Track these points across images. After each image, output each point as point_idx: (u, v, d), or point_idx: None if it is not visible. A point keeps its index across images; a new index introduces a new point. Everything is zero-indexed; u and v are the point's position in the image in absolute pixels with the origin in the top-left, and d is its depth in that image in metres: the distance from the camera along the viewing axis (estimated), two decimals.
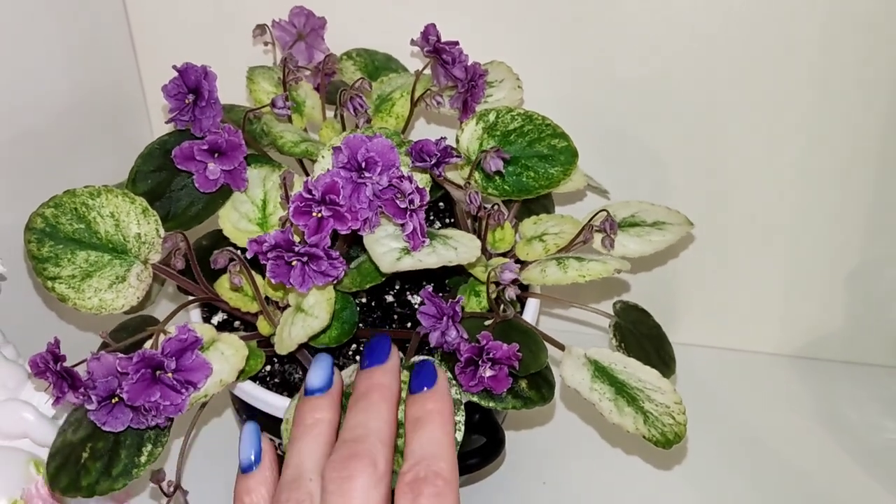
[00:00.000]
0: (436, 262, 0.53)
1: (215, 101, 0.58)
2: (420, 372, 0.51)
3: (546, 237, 0.62)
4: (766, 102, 0.70)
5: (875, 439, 0.76)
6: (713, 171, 0.74)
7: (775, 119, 0.71)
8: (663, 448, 0.53)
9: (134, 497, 0.69)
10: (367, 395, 0.49)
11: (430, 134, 0.75)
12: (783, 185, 0.74)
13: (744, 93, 0.70)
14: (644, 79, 0.71)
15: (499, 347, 0.51)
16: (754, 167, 0.73)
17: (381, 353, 0.51)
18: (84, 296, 0.54)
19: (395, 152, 0.52)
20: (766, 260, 0.78)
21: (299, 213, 0.50)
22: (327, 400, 0.50)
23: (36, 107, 0.67)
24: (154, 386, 0.49)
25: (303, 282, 0.51)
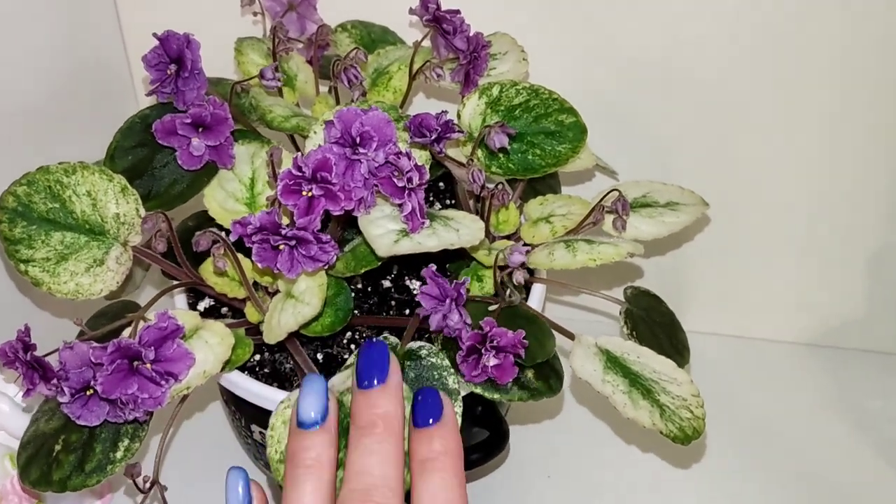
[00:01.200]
0: (436, 245, 0.49)
1: (199, 71, 0.54)
2: (425, 402, 0.45)
3: (553, 219, 0.58)
4: (782, 83, 0.66)
5: (895, 430, 0.72)
6: (727, 154, 0.70)
7: (792, 101, 0.67)
8: (682, 444, 0.50)
9: (117, 491, 0.66)
10: (372, 430, 0.43)
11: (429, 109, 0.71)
12: (800, 169, 0.70)
13: (760, 73, 0.66)
14: (655, 55, 0.67)
15: (503, 335, 0.48)
16: (770, 150, 0.70)
17: (381, 368, 0.45)
18: (59, 280, 0.50)
19: (392, 126, 0.48)
20: (782, 245, 0.75)
21: (288, 192, 0.46)
22: (324, 436, 0.44)
23: (16, 83, 0.63)
24: (131, 377, 0.46)
25: (291, 267, 0.47)
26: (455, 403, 0.48)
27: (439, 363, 0.50)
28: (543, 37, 0.67)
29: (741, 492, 0.68)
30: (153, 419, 0.50)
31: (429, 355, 0.50)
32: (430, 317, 0.49)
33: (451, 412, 0.45)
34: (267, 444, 0.47)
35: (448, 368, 0.49)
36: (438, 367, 0.49)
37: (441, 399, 0.45)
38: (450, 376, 0.49)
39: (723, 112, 0.69)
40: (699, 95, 0.68)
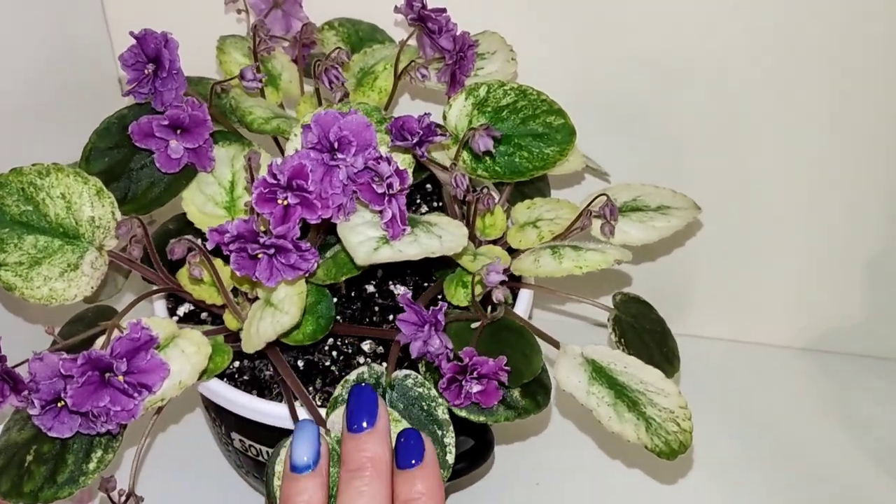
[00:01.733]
0: (417, 254, 0.48)
1: (177, 71, 0.53)
2: (407, 444, 0.46)
3: (540, 223, 0.57)
4: (781, 85, 0.65)
5: (894, 436, 0.71)
6: (725, 156, 0.69)
7: (791, 102, 0.66)
8: (667, 459, 0.48)
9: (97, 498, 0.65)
10: (361, 473, 0.44)
11: (416, 110, 0.70)
12: (798, 173, 0.69)
13: (758, 74, 0.65)
14: (651, 55, 0.65)
15: (484, 363, 0.47)
16: (768, 153, 0.68)
17: (370, 412, 0.46)
18: (32, 285, 0.49)
19: (371, 130, 0.47)
20: (779, 248, 0.73)
21: (263, 201, 0.45)
22: (316, 480, 0.45)
23: None
24: (102, 390, 0.45)
25: (270, 276, 0.46)
26: (448, 434, 0.47)
27: (426, 393, 0.49)
28: (534, 34, 0.66)
29: (737, 496, 0.67)
30: (128, 430, 0.49)
31: (415, 385, 0.49)
32: (411, 344, 0.48)
33: (433, 452, 0.46)
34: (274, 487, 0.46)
35: (436, 398, 0.48)
36: (426, 398, 0.48)
37: (423, 441, 0.46)
38: (438, 407, 0.48)
39: (720, 114, 0.67)
40: (696, 97, 0.67)
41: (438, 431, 0.48)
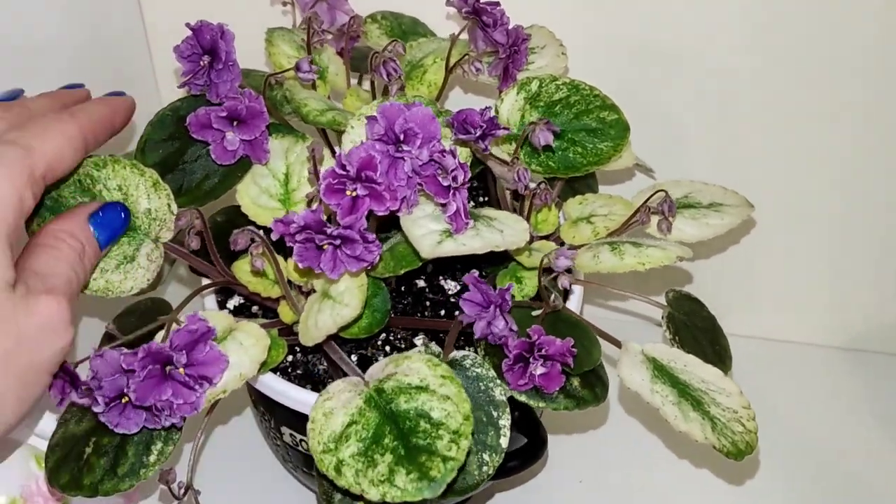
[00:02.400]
0: (481, 247, 0.47)
1: (233, 63, 0.53)
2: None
3: (594, 219, 0.56)
4: (819, 87, 0.65)
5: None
6: (763, 155, 0.69)
7: (830, 101, 0.65)
8: (735, 459, 0.48)
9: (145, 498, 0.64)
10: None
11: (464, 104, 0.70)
12: (834, 172, 0.69)
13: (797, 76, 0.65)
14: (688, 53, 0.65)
15: (552, 343, 0.46)
16: (804, 151, 0.68)
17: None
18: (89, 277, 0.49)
19: (436, 123, 0.47)
20: (817, 248, 0.73)
21: (331, 192, 0.44)
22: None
23: (32, 68, 0.62)
24: (164, 383, 0.44)
25: (334, 267, 0.45)
26: (504, 416, 0.47)
27: (484, 374, 0.48)
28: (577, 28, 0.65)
29: (767, 495, 0.66)
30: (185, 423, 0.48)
31: (473, 365, 0.48)
32: (474, 324, 0.48)
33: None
34: (309, 437, 0.45)
35: (494, 379, 0.48)
36: (484, 378, 0.48)
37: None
38: (496, 388, 0.48)
39: (757, 114, 0.67)
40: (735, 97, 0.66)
41: (494, 413, 0.47)
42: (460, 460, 0.43)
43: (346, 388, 0.47)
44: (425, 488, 0.42)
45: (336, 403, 0.46)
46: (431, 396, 0.45)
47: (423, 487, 0.42)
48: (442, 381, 0.46)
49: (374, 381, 0.47)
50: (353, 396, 0.46)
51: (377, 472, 0.43)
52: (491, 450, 0.46)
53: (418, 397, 0.45)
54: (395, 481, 0.42)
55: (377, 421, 0.45)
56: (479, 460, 0.46)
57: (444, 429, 0.44)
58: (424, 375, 0.46)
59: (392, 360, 0.48)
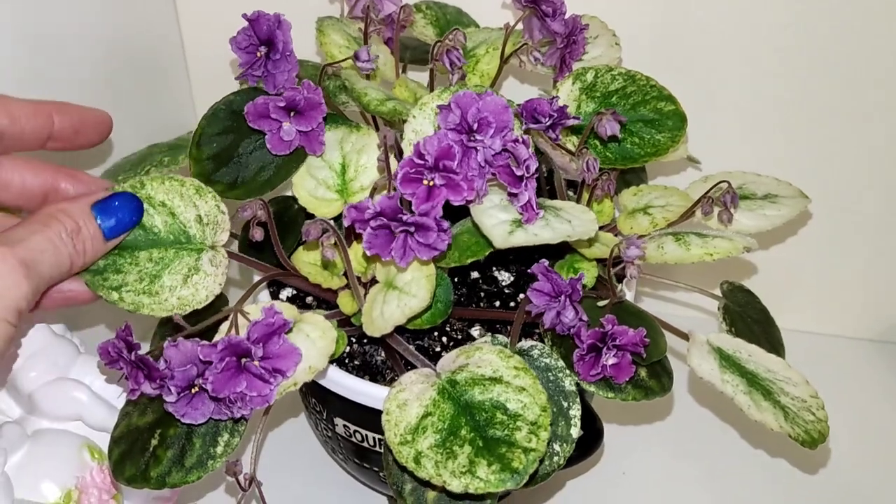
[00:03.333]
0: (552, 238, 0.47)
1: (290, 53, 0.52)
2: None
3: (652, 210, 0.56)
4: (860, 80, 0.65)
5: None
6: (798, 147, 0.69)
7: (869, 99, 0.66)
8: (809, 447, 0.48)
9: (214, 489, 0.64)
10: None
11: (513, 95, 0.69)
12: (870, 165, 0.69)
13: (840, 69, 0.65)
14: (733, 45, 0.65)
15: (624, 333, 0.46)
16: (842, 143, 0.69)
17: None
18: (160, 298, 0.47)
19: (509, 112, 0.46)
20: (847, 239, 0.73)
21: (408, 181, 0.44)
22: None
23: (66, 62, 0.61)
24: (240, 375, 0.44)
25: (404, 254, 0.45)
26: (574, 406, 0.47)
27: (553, 364, 0.48)
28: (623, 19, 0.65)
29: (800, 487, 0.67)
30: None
31: (541, 356, 0.48)
32: (544, 314, 0.47)
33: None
34: (385, 429, 0.44)
35: (563, 369, 0.47)
36: (553, 368, 0.48)
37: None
38: (566, 378, 0.47)
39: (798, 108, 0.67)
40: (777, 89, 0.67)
41: (565, 403, 0.47)
42: (541, 451, 0.42)
43: (419, 380, 0.46)
44: (508, 479, 0.42)
45: (409, 395, 0.45)
46: (506, 388, 0.45)
47: (505, 479, 0.42)
48: (516, 373, 0.45)
49: (446, 372, 0.47)
50: (426, 388, 0.46)
51: (458, 463, 0.42)
52: (562, 440, 0.46)
53: (493, 388, 0.45)
54: (476, 472, 0.42)
55: (452, 412, 0.44)
56: (551, 451, 0.46)
57: (522, 420, 0.44)
58: (497, 367, 0.46)
59: (463, 352, 0.47)
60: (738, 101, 0.68)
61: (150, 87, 0.72)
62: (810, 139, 0.69)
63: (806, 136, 0.69)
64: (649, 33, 0.66)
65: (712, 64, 0.67)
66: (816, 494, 0.65)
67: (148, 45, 0.71)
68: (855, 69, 0.65)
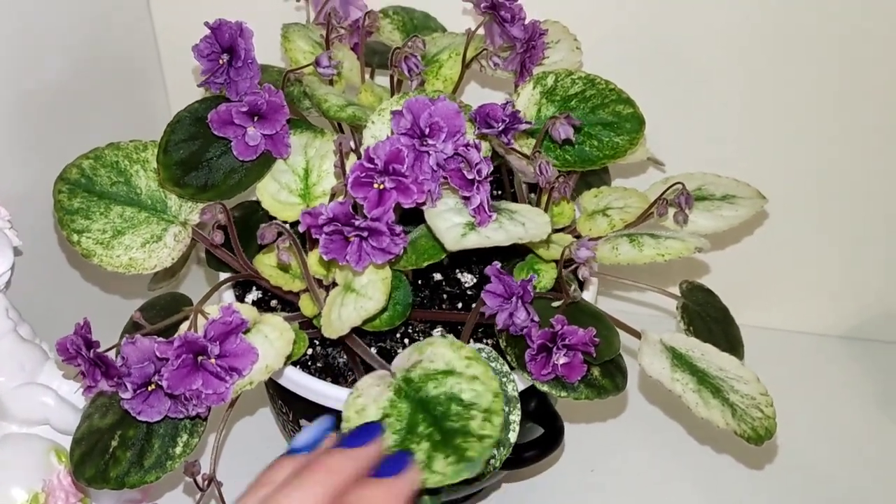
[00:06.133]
0: (504, 240, 0.48)
1: (252, 60, 0.53)
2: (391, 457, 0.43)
3: (610, 212, 0.57)
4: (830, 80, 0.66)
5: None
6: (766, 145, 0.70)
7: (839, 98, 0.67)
8: (755, 444, 0.49)
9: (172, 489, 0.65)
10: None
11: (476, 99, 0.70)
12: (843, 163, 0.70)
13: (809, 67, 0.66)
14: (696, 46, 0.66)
15: (574, 332, 0.47)
16: (814, 143, 0.69)
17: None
18: (113, 253, 0.50)
19: (461, 117, 0.47)
20: (819, 237, 0.74)
21: (359, 185, 0.45)
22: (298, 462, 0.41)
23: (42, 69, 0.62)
24: (196, 373, 0.45)
25: (359, 259, 0.46)
26: (514, 412, 0.47)
27: (499, 368, 0.49)
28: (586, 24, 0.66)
29: (772, 483, 0.68)
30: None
31: (488, 359, 0.49)
32: (497, 315, 0.48)
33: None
34: None
35: (507, 374, 0.49)
36: (498, 373, 0.49)
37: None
38: (509, 383, 0.48)
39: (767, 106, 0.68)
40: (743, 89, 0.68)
41: (506, 408, 0.48)
42: (495, 437, 0.43)
43: (375, 383, 0.47)
44: (463, 469, 0.42)
45: (367, 399, 0.46)
46: (459, 379, 0.45)
47: (461, 469, 0.42)
48: (468, 363, 0.46)
49: (401, 371, 0.47)
50: (382, 390, 0.47)
51: None
52: (500, 444, 0.47)
53: (446, 381, 0.46)
54: (433, 467, 0.42)
55: (409, 410, 0.45)
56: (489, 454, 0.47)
57: (476, 408, 0.44)
58: (449, 359, 0.47)
59: (416, 348, 0.48)
60: (705, 103, 0.69)
61: (127, 94, 0.73)
62: (780, 138, 0.70)
63: (772, 136, 0.70)
64: (616, 37, 0.67)
65: (679, 66, 0.68)
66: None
67: (124, 53, 0.72)
68: (827, 67, 0.66)
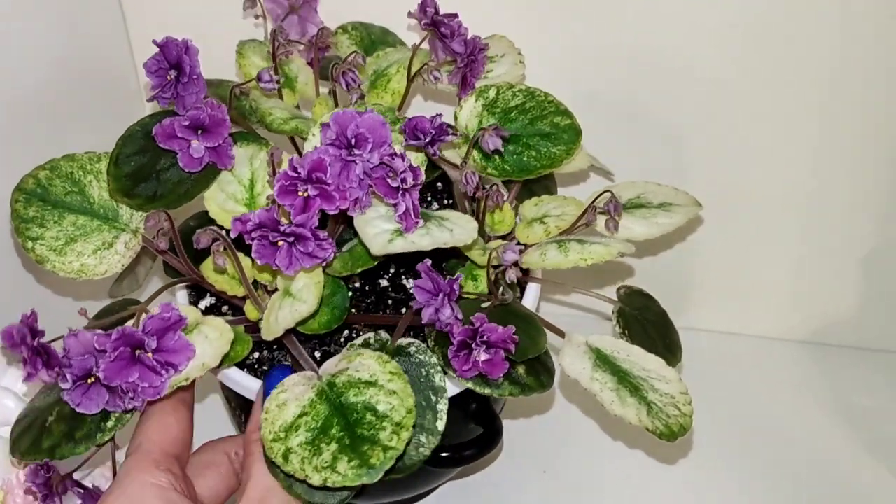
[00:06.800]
0: (429, 244, 0.50)
1: (197, 76, 0.55)
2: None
3: (547, 219, 0.59)
4: (782, 83, 0.68)
5: (889, 427, 0.74)
6: (726, 152, 0.72)
7: (792, 100, 0.68)
8: (668, 440, 0.51)
9: None
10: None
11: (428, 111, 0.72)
12: (795, 168, 0.72)
13: (761, 72, 0.67)
14: (656, 54, 0.68)
15: (493, 330, 0.49)
16: (769, 148, 0.71)
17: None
18: (65, 259, 0.53)
19: (386, 128, 0.49)
20: (778, 243, 0.76)
21: (285, 193, 0.47)
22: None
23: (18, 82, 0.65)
24: (133, 366, 0.47)
25: (289, 263, 0.48)
26: (441, 401, 0.50)
27: (427, 360, 0.51)
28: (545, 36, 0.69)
29: (730, 486, 0.70)
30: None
31: (417, 352, 0.51)
32: (423, 310, 0.50)
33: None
34: (262, 426, 0.48)
35: (436, 366, 0.51)
36: (427, 364, 0.51)
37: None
38: (436, 374, 0.50)
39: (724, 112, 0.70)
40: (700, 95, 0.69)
41: (433, 397, 0.50)
42: (399, 449, 0.46)
43: (301, 382, 0.50)
44: (364, 474, 0.45)
45: (290, 395, 0.49)
46: (379, 391, 0.48)
47: (362, 473, 0.45)
48: (390, 377, 0.49)
49: (328, 375, 0.50)
50: (306, 390, 0.49)
51: (321, 459, 0.45)
52: (428, 432, 0.49)
53: (367, 391, 0.48)
54: (336, 468, 0.45)
55: (327, 413, 0.47)
56: (417, 442, 0.49)
57: (388, 421, 0.47)
58: (374, 371, 0.49)
59: (345, 356, 0.51)
60: (660, 111, 0.71)
61: (103, 106, 0.76)
62: (733, 142, 0.71)
63: (728, 139, 0.71)
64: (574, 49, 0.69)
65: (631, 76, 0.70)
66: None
67: (100, 65, 0.75)
68: (774, 74, 0.68)
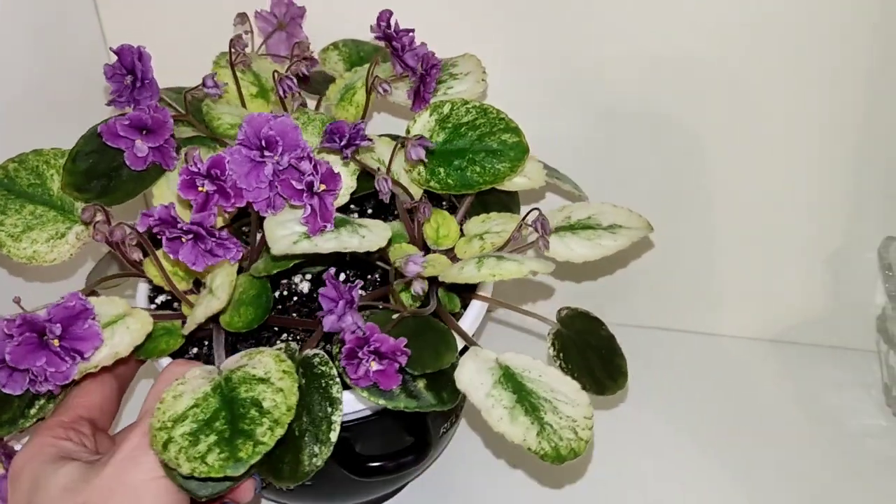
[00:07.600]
0: (333, 248, 0.51)
1: (150, 81, 0.58)
2: None
3: (487, 236, 0.58)
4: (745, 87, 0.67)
5: (855, 424, 0.72)
6: (692, 151, 0.71)
7: (755, 103, 0.68)
8: (553, 463, 0.49)
9: None
10: None
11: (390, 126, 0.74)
12: (763, 169, 0.71)
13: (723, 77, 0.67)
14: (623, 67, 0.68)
15: (384, 340, 0.49)
16: (735, 149, 0.70)
17: None
18: (20, 245, 0.57)
19: (297, 132, 0.51)
20: (745, 243, 0.75)
21: (186, 187, 0.49)
22: None
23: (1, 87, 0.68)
24: (40, 351, 0.49)
25: (195, 259, 0.50)
26: (335, 413, 0.50)
27: (327, 372, 0.51)
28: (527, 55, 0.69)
29: (699, 484, 0.68)
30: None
31: (320, 364, 0.52)
32: (325, 317, 0.51)
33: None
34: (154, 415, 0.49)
35: (334, 377, 0.51)
36: (326, 376, 0.51)
37: None
38: (334, 385, 0.50)
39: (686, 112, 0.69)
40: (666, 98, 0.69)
41: (329, 408, 0.50)
42: (270, 445, 0.46)
43: (202, 375, 0.51)
44: (229, 467, 0.45)
45: (187, 388, 0.50)
46: (268, 388, 0.49)
47: (227, 466, 0.45)
48: (281, 376, 0.49)
49: (226, 370, 0.51)
50: (203, 383, 0.50)
51: (196, 450, 0.46)
52: (321, 443, 0.49)
53: (257, 387, 0.49)
54: (206, 459, 0.46)
55: (216, 406, 0.48)
56: (311, 452, 0.49)
57: (268, 417, 0.47)
58: (269, 369, 0.50)
59: (247, 354, 0.52)
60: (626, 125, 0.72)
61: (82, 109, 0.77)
62: (702, 147, 0.71)
63: (696, 144, 0.71)
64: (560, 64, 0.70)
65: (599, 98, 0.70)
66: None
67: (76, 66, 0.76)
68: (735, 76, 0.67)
